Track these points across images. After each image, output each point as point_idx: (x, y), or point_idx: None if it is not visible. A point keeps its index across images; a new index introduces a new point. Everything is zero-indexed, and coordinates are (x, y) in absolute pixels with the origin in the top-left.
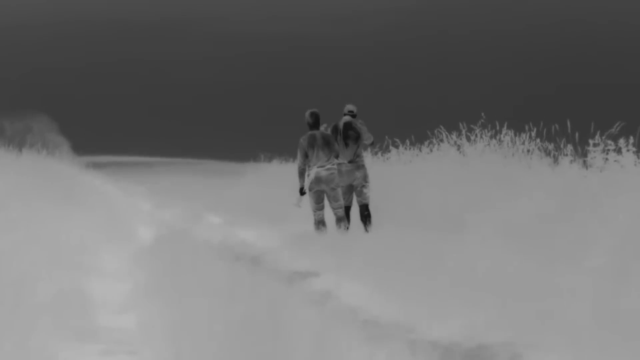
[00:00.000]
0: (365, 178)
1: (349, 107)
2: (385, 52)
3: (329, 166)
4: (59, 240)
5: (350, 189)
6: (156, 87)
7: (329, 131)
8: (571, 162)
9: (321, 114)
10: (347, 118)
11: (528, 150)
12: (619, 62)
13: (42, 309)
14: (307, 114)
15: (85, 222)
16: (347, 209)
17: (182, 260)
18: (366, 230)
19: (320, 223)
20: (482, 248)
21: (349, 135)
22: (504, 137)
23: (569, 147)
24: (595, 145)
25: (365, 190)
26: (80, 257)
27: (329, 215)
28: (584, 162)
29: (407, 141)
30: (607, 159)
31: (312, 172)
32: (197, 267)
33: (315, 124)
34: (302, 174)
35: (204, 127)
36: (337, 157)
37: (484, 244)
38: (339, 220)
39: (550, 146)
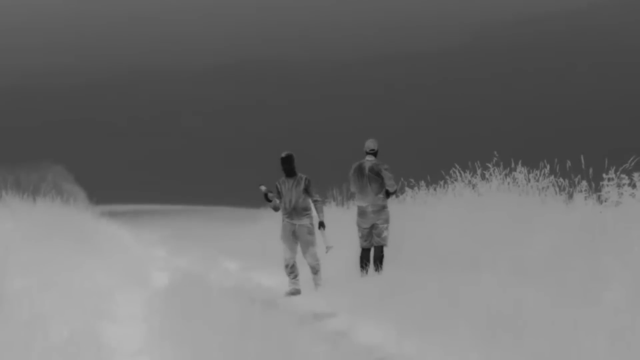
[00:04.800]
0: (387, 220)
1: (370, 145)
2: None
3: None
4: (73, 285)
5: (372, 230)
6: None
7: (352, 170)
8: (586, 197)
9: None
10: (371, 159)
11: (542, 188)
12: (632, 96)
13: (55, 351)
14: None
15: (99, 268)
16: (368, 251)
17: (196, 305)
18: (376, 270)
19: (287, 267)
20: (497, 285)
21: (374, 178)
22: (517, 174)
23: (584, 182)
24: (609, 180)
25: (385, 233)
26: (94, 301)
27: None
28: (599, 197)
29: (423, 181)
30: (621, 193)
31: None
32: (211, 311)
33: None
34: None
35: (218, 173)
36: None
37: (499, 281)
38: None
39: (565, 182)
